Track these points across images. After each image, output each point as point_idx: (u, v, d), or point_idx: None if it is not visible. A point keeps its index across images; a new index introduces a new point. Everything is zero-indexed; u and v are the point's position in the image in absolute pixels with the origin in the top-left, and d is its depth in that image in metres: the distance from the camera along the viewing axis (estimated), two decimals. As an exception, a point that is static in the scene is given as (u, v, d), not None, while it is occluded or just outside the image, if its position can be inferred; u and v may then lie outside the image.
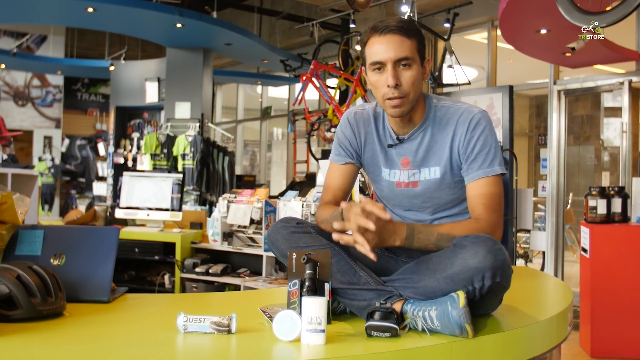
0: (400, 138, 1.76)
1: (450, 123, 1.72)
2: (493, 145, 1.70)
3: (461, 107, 1.73)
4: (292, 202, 4.07)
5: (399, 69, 1.65)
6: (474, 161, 1.69)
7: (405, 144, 1.76)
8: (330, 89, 7.55)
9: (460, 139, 1.70)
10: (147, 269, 4.63)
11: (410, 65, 1.66)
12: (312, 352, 1.31)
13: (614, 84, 5.74)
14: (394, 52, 1.64)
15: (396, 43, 1.64)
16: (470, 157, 1.69)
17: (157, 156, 8.61)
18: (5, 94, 12.84)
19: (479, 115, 1.71)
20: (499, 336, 1.48)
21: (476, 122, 1.69)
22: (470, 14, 7.09)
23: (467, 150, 1.69)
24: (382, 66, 1.66)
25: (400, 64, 1.65)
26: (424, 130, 1.74)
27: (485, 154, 1.68)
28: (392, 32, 1.65)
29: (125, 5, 7.19)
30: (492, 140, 1.70)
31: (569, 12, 3.54)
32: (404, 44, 1.65)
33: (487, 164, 1.68)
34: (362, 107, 1.86)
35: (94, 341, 1.39)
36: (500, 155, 1.72)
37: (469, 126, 1.69)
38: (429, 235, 1.58)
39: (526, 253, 7.08)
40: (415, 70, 1.66)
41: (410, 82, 1.66)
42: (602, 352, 4.07)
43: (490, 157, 1.68)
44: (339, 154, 1.85)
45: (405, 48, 1.65)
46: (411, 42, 1.66)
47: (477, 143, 1.68)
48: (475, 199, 1.67)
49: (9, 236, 1.84)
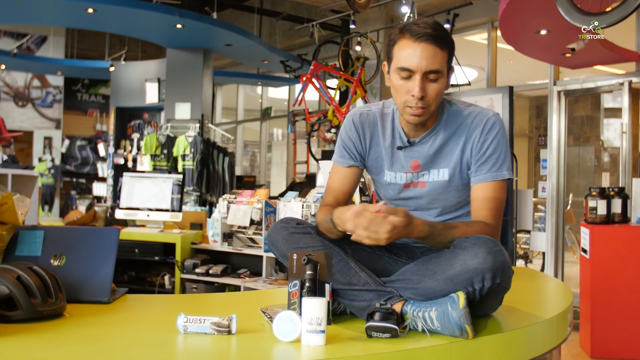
0: (411, 141, 1.75)
1: (463, 126, 1.71)
2: (504, 150, 1.70)
3: (475, 110, 1.73)
4: (292, 202, 4.07)
5: (427, 81, 1.62)
6: (484, 164, 1.69)
7: (416, 147, 1.75)
8: (330, 89, 7.55)
9: (474, 142, 1.70)
10: (147, 270, 4.63)
11: (437, 79, 1.62)
12: (312, 352, 1.31)
13: (614, 84, 5.74)
14: (426, 63, 1.59)
15: (430, 53, 1.59)
16: (481, 159, 1.69)
17: (157, 157, 8.61)
18: (6, 95, 12.83)
19: (494, 118, 1.71)
20: (499, 337, 1.48)
21: (491, 125, 1.69)
22: (470, 14, 7.10)
23: (479, 152, 1.69)
24: (410, 74, 1.62)
25: (430, 76, 1.61)
26: (436, 133, 1.73)
27: (496, 158, 1.68)
28: (428, 42, 1.59)
29: (125, 6, 7.19)
30: (504, 145, 1.70)
31: (568, 12, 3.54)
32: (437, 56, 1.60)
33: (496, 167, 1.68)
34: (367, 108, 1.84)
35: (94, 342, 1.39)
36: (510, 161, 1.72)
37: (483, 129, 1.69)
38: (444, 238, 1.60)
39: (526, 254, 7.08)
40: (442, 83, 1.64)
41: (434, 95, 1.63)
42: (602, 352, 4.07)
43: (500, 162, 1.68)
44: (343, 156, 1.83)
45: (437, 60, 1.60)
46: (443, 54, 1.62)
47: (490, 146, 1.68)
48: (481, 202, 1.67)
49: (9, 237, 1.84)
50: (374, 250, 1.80)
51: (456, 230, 1.60)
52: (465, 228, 1.62)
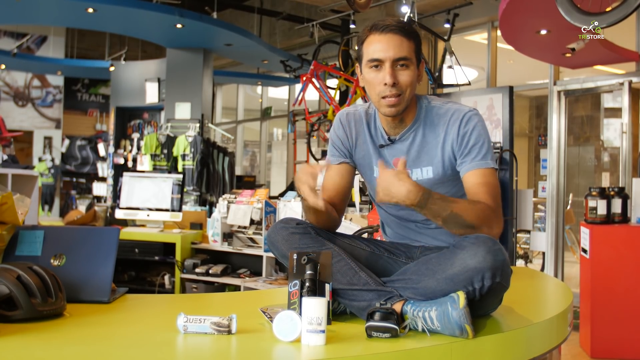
0: (391, 138, 1.77)
1: (441, 123, 1.73)
2: (486, 141, 1.70)
3: (452, 107, 1.75)
4: (292, 202, 4.07)
5: (397, 69, 1.67)
6: (468, 154, 1.69)
7: (397, 145, 1.77)
8: (330, 89, 7.55)
9: (453, 137, 1.71)
10: (147, 270, 4.63)
11: (408, 66, 1.68)
12: (312, 352, 1.31)
13: (614, 84, 5.74)
14: (394, 51, 1.66)
15: (396, 42, 1.67)
16: (464, 151, 1.69)
17: (157, 157, 8.61)
18: (6, 95, 12.83)
19: (470, 113, 1.72)
20: (499, 337, 1.49)
21: (468, 119, 1.71)
22: (470, 14, 7.10)
23: (461, 145, 1.70)
24: (380, 64, 1.67)
25: (399, 63, 1.67)
26: (415, 130, 1.75)
27: (479, 148, 1.69)
28: (393, 32, 1.67)
29: (126, 6, 7.19)
30: (485, 136, 1.71)
31: (569, 12, 3.54)
32: (404, 44, 1.67)
33: (480, 156, 1.69)
34: (354, 108, 1.88)
35: (94, 342, 1.39)
36: (492, 153, 1.73)
37: (460, 123, 1.70)
38: (442, 209, 1.56)
39: (526, 254, 7.08)
40: (412, 71, 1.69)
41: (407, 82, 1.68)
42: (602, 352, 4.07)
43: (483, 151, 1.69)
44: (333, 154, 1.86)
45: (404, 48, 1.67)
46: (410, 44, 1.68)
47: (470, 137, 1.69)
48: (476, 187, 1.66)
49: (9, 237, 1.84)
50: (373, 250, 1.80)
51: (456, 206, 1.57)
52: (465, 204, 1.60)
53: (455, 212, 1.56)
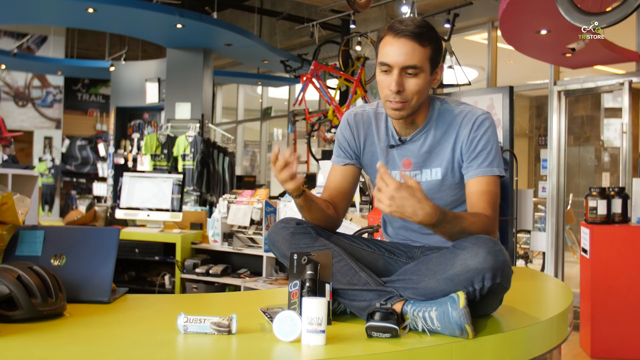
0: (402, 139, 1.77)
1: (453, 125, 1.72)
2: (494, 147, 1.70)
3: (465, 109, 1.74)
4: (292, 202, 4.07)
5: (405, 76, 1.64)
6: (474, 159, 1.69)
7: (408, 145, 1.76)
8: (330, 89, 7.55)
9: (463, 140, 1.70)
10: (147, 270, 4.63)
11: (417, 74, 1.64)
12: (312, 352, 1.31)
13: (614, 84, 5.74)
14: (403, 58, 1.62)
15: (407, 49, 1.62)
16: (471, 155, 1.69)
17: (157, 157, 8.61)
18: (6, 95, 12.84)
19: (483, 116, 1.71)
20: (499, 337, 1.48)
21: (480, 123, 1.70)
22: (470, 14, 7.09)
23: (469, 148, 1.70)
24: (389, 69, 1.65)
25: (407, 71, 1.63)
26: (427, 132, 1.75)
27: (487, 154, 1.69)
28: (407, 37, 1.62)
29: (126, 6, 7.19)
30: (494, 142, 1.71)
31: (569, 12, 3.54)
32: (415, 52, 1.62)
33: (487, 163, 1.69)
34: (362, 108, 1.86)
35: (95, 342, 1.39)
36: (501, 158, 1.73)
37: (472, 126, 1.70)
38: (452, 227, 1.54)
39: (526, 254, 7.08)
40: (422, 79, 1.65)
41: (413, 90, 1.64)
42: (602, 352, 4.07)
43: (490, 158, 1.69)
44: (339, 155, 1.86)
45: (415, 56, 1.62)
46: (424, 50, 1.63)
47: (479, 142, 1.69)
48: (477, 195, 1.67)
49: (9, 237, 1.84)
50: (374, 250, 1.80)
51: (464, 221, 1.57)
52: (471, 219, 1.60)
53: (464, 227, 1.56)
